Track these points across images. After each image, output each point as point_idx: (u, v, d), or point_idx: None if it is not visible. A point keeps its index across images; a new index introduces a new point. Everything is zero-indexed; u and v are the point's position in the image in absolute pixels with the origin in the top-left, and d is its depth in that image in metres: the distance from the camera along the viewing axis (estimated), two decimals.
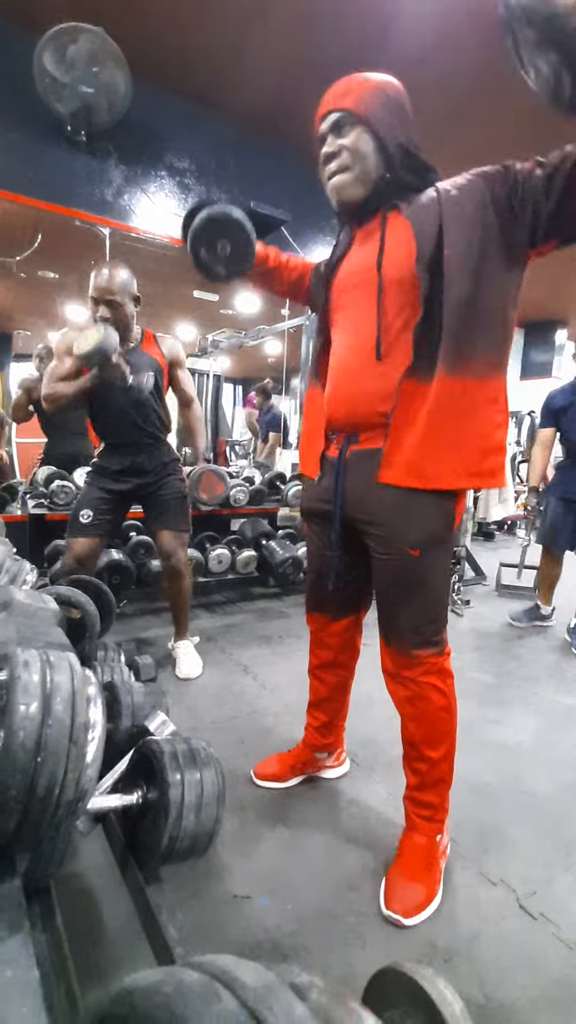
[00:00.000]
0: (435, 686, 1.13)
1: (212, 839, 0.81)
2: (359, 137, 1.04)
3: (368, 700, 1.74)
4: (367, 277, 1.09)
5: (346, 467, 1.15)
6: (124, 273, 1.87)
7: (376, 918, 1.07)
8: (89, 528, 1.97)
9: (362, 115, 1.03)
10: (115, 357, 1.76)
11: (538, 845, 1.29)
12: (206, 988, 0.20)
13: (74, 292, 4.13)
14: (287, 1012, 0.19)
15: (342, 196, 1.09)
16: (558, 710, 1.98)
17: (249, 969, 0.21)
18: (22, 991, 0.35)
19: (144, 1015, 0.19)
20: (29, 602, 0.73)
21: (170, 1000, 0.19)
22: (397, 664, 1.14)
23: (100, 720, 0.52)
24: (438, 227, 0.99)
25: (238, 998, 0.19)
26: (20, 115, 2.59)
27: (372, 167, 1.06)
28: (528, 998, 0.93)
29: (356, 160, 1.05)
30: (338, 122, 1.06)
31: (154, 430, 2.04)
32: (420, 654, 1.11)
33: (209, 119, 3.10)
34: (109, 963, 0.94)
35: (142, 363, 1.97)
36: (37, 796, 0.42)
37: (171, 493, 2.08)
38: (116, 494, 2.03)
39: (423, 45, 2.54)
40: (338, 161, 1.07)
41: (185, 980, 0.20)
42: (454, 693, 1.16)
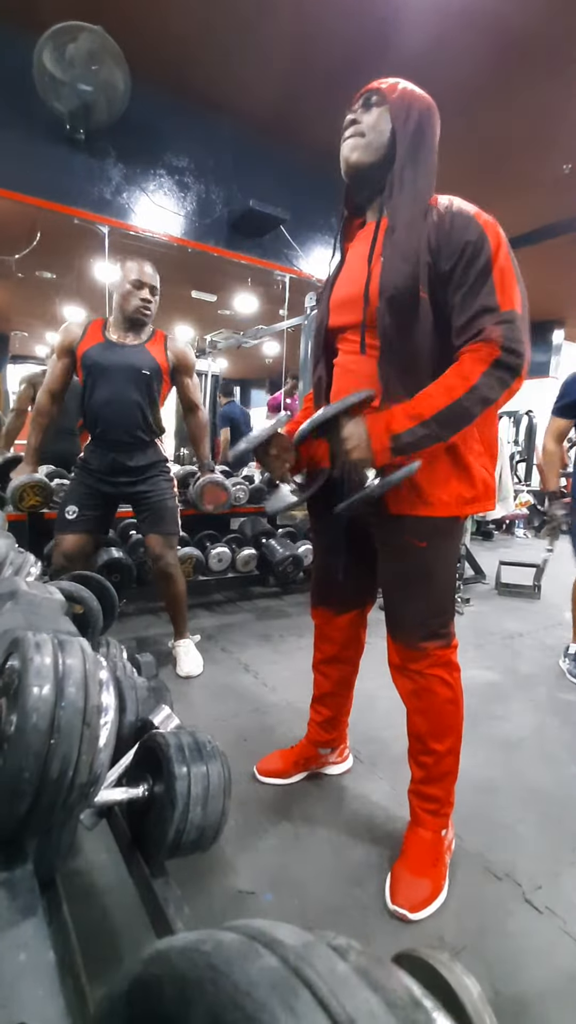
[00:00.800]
0: (442, 679, 1.12)
1: (219, 832, 0.80)
2: (381, 115, 1.08)
3: (371, 697, 1.74)
4: (355, 297, 1.10)
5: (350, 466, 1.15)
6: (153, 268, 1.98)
7: (382, 913, 1.07)
8: (76, 524, 1.96)
9: (389, 99, 1.08)
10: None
11: (543, 840, 1.29)
12: (246, 947, 0.19)
13: (72, 293, 4.13)
14: (330, 969, 0.19)
15: (350, 157, 1.11)
16: (559, 706, 1.97)
17: (287, 930, 0.21)
18: (37, 974, 0.34)
19: (182, 974, 0.19)
20: (34, 592, 0.72)
21: (210, 957, 0.19)
22: (404, 657, 1.14)
23: (112, 705, 0.52)
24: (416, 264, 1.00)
25: (279, 956, 0.19)
26: (19, 113, 2.59)
27: (382, 144, 1.08)
28: (537, 991, 0.93)
29: (371, 131, 1.09)
30: (368, 99, 1.10)
31: (139, 430, 2.01)
32: (427, 646, 1.11)
33: (208, 118, 3.11)
34: (116, 957, 0.93)
35: (142, 361, 1.97)
36: (50, 779, 0.41)
37: (158, 497, 2.05)
38: (103, 494, 2.02)
39: (422, 50, 2.55)
40: (356, 127, 1.10)
41: (224, 940, 0.20)
42: (461, 686, 1.15)
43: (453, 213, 1.00)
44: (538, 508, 6.32)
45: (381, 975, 0.20)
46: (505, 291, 0.95)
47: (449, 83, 2.73)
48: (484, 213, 1.01)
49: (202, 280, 4.09)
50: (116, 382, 1.93)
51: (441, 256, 0.98)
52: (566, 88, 2.83)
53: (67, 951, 0.61)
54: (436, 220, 1.00)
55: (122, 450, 2.00)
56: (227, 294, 4.45)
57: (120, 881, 0.94)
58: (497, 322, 0.93)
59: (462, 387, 0.93)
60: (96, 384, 1.94)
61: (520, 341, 0.93)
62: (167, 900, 0.74)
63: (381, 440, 0.96)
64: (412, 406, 0.96)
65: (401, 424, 0.95)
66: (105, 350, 1.94)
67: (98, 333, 1.96)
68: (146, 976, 0.21)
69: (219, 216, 3.27)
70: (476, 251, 0.96)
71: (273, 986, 0.18)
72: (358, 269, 1.11)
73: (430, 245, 0.99)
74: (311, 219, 3.57)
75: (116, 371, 1.94)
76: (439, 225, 1.00)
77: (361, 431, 0.97)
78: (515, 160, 3.48)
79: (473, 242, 0.96)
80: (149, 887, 0.76)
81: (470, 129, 3.10)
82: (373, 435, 0.96)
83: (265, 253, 3.45)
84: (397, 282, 1.00)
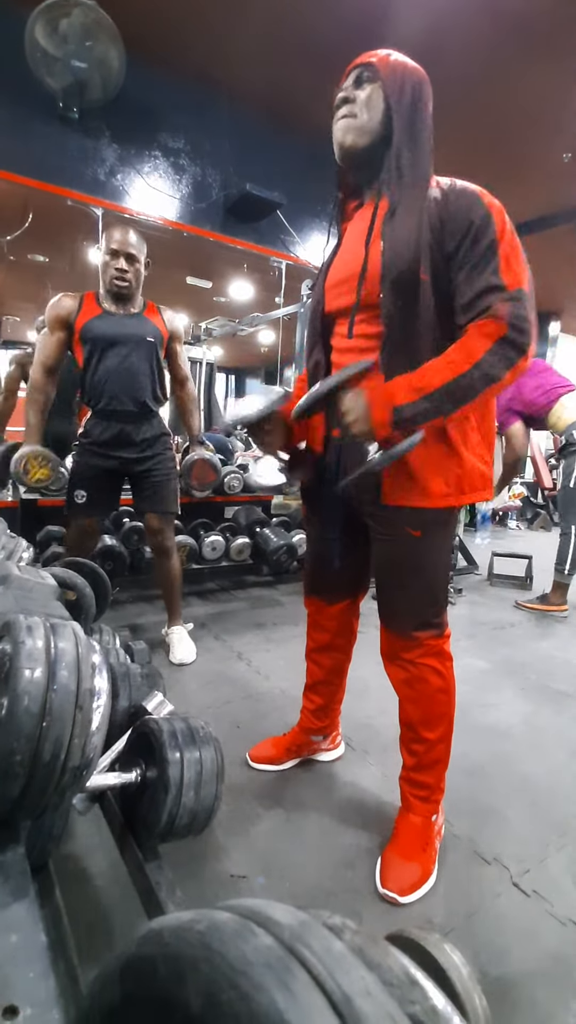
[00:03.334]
0: (434, 668, 1.13)
1: (211, 817, 0.80)
2: (373, 91, 1.04)
3: (364, 686, 1.75)
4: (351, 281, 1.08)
5: (347, 446, 1.13)
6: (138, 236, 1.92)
7: (372, 896, 1.08)
8: (86, 507, 1.97)
9: (382, 73, 1.04)
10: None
11: (531, 825, 1.31)
12: (241, 926, 0.19)
13: (65, 277, 4.06)
14: (325, 948, 0.19)
15: (344, 141, 1.07)
16: (549, 695, 2.00)
17: (282, 910, 0.21)
18: (28, 955, 0.34)
19: (176, 953, 0.19)
20: (27, 577, 0.71)
21: (205, 936, 0.18)
22: (396, 646, 1.14)
23: (105, 688, 0.51)
24: (415, 243, 0.97)
25: (274, 935, 0.19)
26: (11, 90, 2.53)
27: (377, 123, 1.05)
28: (524, 972, 0.94)
29: (364, 110, 1.05)
30: (359, 76, 1.06)
31: (147, 399, 1.99)
32: (420, 636, 1.11)
33: (205, 98, 3.05)
34: (108, 939, 0.94)
35: (145, 329, 1.95)
36: (43, 761, 0.41)
37: (161, 475, 2.05)
38: (107, 472, 2.00)
39: (421, 34, 2.51)
40: (348, 106, 1.06)
41: (218, 919, 0.20)
42: (453, 676, 1.16)
43: (457, 191, 0.97)
44: (531, 500, 6.35)
45: (376, 954, 0.20)
46: (512, 269, 0.92)
47: (446, 67, 2.68)
48: (488, 194, 0.98)
49: (197, 266, 4.04)
50: (122, 352, 1.91)
51: (445, 234, 0.95)
52: (566, 75, 2.80)
53: (59, 933, 0.61)
54: (439, 199, 0.97)
55: (129, 421, 1.98)
56: (223, 281, 4.39)
57: (113, 865, 0.94)
58: (505, 299, 0.91)
59: (466, 362, 0.91)
60: (102, 355, 1.90)
61: (527, 320, 0.91)
62: (159, 883, 0.74)
63: (383, 412, 0.93)
64: (415, 378, 0.94)
65: (404, 396, 0.93)
66: (106, 320, 1.91)
67: (94, 305, 1.93)
68: (140, 955, 0.21)
69: (215, 200, 3.23)
70: (482, 228, 0.93)
71: (268, 965, 0.18)
72: (355, 251, 1.08)
73: (432, 225, 0.96)
74: (308, 204, 3.53)
75: (121, 340, 1.91)
76: (442, 203, 0.97)
77: (361, 403, 0.95)
78: (513, 148, 3.45)
79: (479, 219, 0.94)
80: (142, 870, 0.76)
81: (468, 115, 3.06)
82: (374, 407, 0.94)
83: (261, 239, 3.41)
84: (399, 264, 0.98)
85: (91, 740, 0.46)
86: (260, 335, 5.25)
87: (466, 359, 0.91)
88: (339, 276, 1.11)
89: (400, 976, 0.19)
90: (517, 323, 0.90)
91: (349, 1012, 0.17)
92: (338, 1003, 0.18)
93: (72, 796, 0.47)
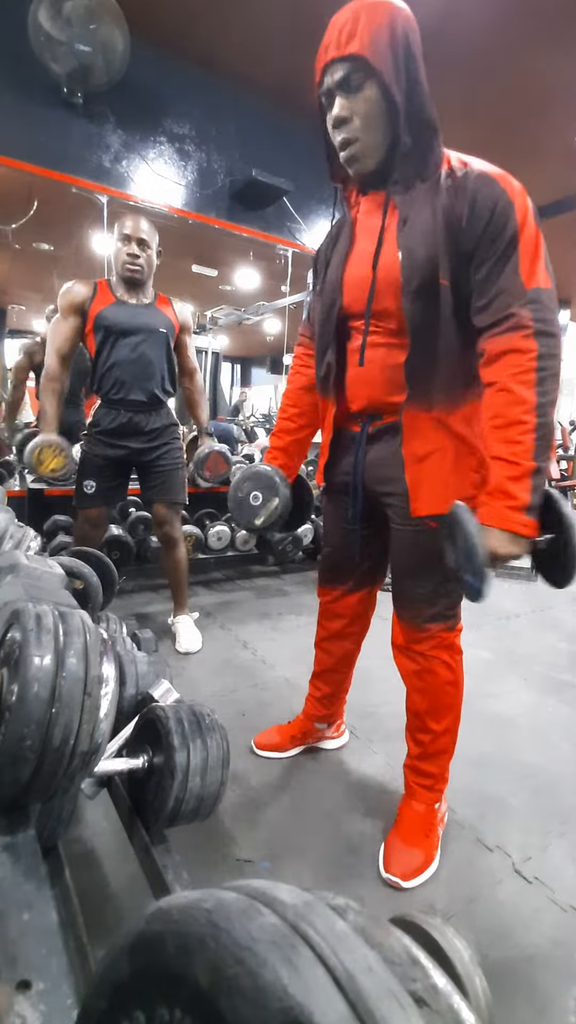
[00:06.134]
0: (444, 661, 1.13)
1: (217, 802, 0.82)
2: (371, 96, 0.92)
3: (369, 675, 1.75)
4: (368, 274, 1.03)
5: (367, 439, 1.13)
6: (150, 224, 1.93)
7: (375, 881, 1.10)
8: (95, 497, 1.99)
9: (375, 65, 0.89)
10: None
11: (533, 813, 1.32)
12: (247, 905, 0.20)
13: (71, 265, 4.05)
14: (329, 927, 0.19)
15: (358, 170, 1.00)
16: (552, 685, 2.00)
17: (287, 890, 0.21)
18: (40, 933, 0.35)
19: (183, 930, 0.19)
20: (35, 566, 0.72)
21: (212, 915, 0.19)
22: (408, 637, 1.14)
23: (113, 675, 0.52)
24: (433, 249, 0.92)
25: (279, 914, 0.19)
26: (14, 75, 2.50)
27: (382, 135, 0.96)
28: (524, 957, 0.96)
29: (368, 127, 0.95)
30: (347, 76, 0.91)
31: (157, 389, 2.00)
32: (432, 628, 1.11)
33: (210, 83, 3.00)
34: (116, 920, 0.96)
35: (158, 319, 1.96)
36: (52, 746, 0.42)
37: (169, 465, 2.06)
38: (114, 462, 2.02)
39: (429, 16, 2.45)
40: (350, 130, 0.95)
41: (225, 898, 0.20)
42: (462, 669, 1.16)
43: (475, 179, 0.90)
44: None
45: (379, 933, 0.20)
46: (533, 266, 0.88)
47: (455, 49, 2.63)
48: (509, 176, 0.91)
49: (203, 254, 4.00)
50: (135, 341, 1.92)
51: (463, 232, 0.90)
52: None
53: (68, 913, 0.63)
54: (453, 187, 0.91)
55: (139, 410, 1.99)
56: (228, 269, 4.36)
57: (120, 848, 0.96)
58: (525, 304, 0.87)
59: (530, 414, 0.86)
60: (115, 344, 1.91)
61: (550, 321, 0.87)
62: (166, 866, 0.75)
63: (521, 522, 0.87)
64: (507, 468, 0.87)
65: (519, 491, 0.86)
66: (119, 309, 1.91)
67: (108, 293, 1.93)
68: (148, 931, 0.21)
69: (221, 187, 3.19)
70: (502, 221, 0.87)
71: (273, 942, 0.18)
72: (367, 252, 1.03)
73: (449, 223, 0.90)
74: (315, 191, 3.48)
75: (134, 330, 1.92)
76: (457, 193, 0.90)
77: (494, 534, 0.87)
78: (525, 132, 3.38)
79: (499, 211, 0.87)
80: (149, 853, 0.78)
81: (477, 98, 3.00)
82: (505, 522, 0.87)
83: (267, 226, 3.37)
84: (419, 273, 0.93)
85: (99, 726, 0.47)
86: (266, 324, 5.21)
87: (525, 411, 0.86)
88: (358, 276, 1.05)
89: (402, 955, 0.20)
90: (542, 328, 0.87)
91: (352, 988, 0.18)
92: (341, 979, 0.18)
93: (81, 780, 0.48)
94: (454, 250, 0.91)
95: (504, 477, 0.88)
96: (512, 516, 0.87)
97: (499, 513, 0.88)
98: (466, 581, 0.89)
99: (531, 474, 0.86)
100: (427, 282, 0.93)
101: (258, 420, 7.15)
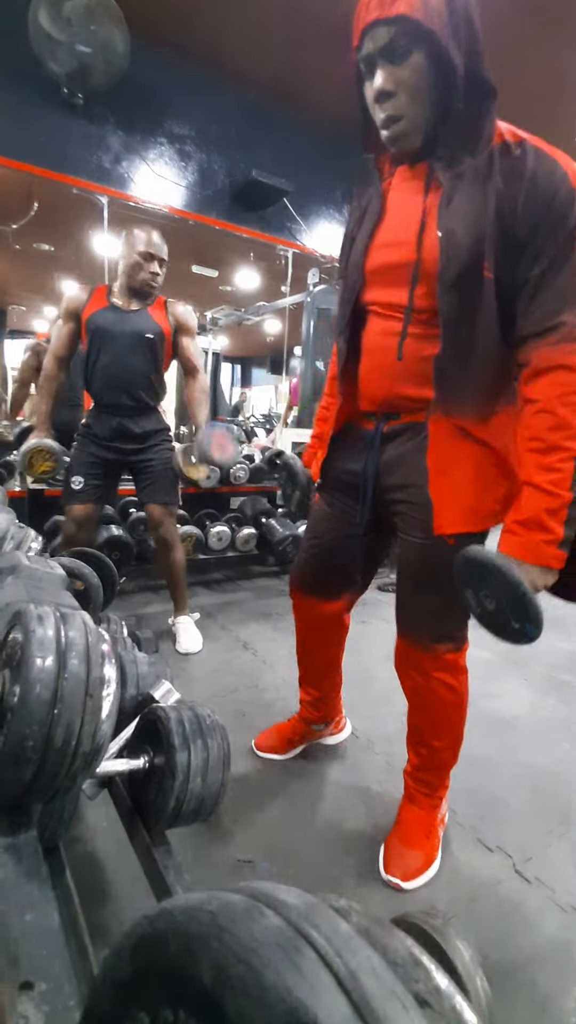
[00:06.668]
0: (446, 683, 1.07)
1: (218, 802, 0.82)
2: (419, 63, 0.79)
3: (369, 675, 1.76)
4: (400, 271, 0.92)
5: (383, 439, 1.03)
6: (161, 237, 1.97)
7: (376, 882, 1.10)
8: (82, 494, 1.99)
9: (427, 27, 0.76)
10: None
11: (534, 814, 1.32)
12: (250, 906, 0.20)
13: (71, 266, 4.05)
14: (332, 928, 0.19)
15: (402, 148, 0.89)
16: (553, 686, 2.00)
17: (289, 892, 0.21)
18: (42, 933, 0.35)
19: (187, 930, 0.19)
20: (36, 567, 0.72)
21: (216, 916, 0.19)
22: (411, 656, 1.09)
23: (114, 676, 0.52)
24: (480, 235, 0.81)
25: (282, 916, 0.19)
26: (14, 76, 2.51)
27: (430, 108, 0.83)
28: (525, 957, 0.96)
29: (415, 100, 0.82)
30: (393, 43, 0.78)
31: (143, 394, 2.02)
32: (438, 648, 1.05)
33: (211, 83, 3.01)
34: (117, 921, 0.96)
35: (146, 325, 1.97)
36: (54, 747, 0.42)
37: (159, 465, 2.07)
38: (106, 461, 2.03)
39: None
40: (395, 105, 0.83)
41: (228, 900, 0.20)
42: (467, 689, 1.11)
43: (532, 158, 0.79)
44: None
45: (381, 935, 0.20)
46: None
47: None
48: (570, 158, 0.80)
49: (203, 254, 4.01)
50: (121, 347, 1.94)
51: (518, 219, 0.79)
52: None
53: (70, 913, 0.63)
54: (508, 165, 0.80)
55: (126, 415, 2.01)
56: (228, 269, 4.37)
57: (122, 848, 0.96)
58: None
59: (573, 440, 0.79)
60: (101, 349, 1.94)
61: None
62: (167, 867, 0.76)
63: (551, 555, 0.82)
64: (544, 499, 0.81)
65: (555, 525, 0.81)
66: (109, 315, 1.94)
67: (103, 298, 1.96)
68: (151, 931, 0.21)
69: (221, 187, 3.19)
70: (563, 212, 0.76)
71: (277, 943, 0.19)
72: (404, 230, 0.90)
73: (501, 208, 0.80)
74: (316, 192, 3.48)
75: (121, 336, 1.94)
76: (513, 172, 0.79)
77: (526, 569, 0.82)
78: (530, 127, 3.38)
79: (560, 202, 0.76)
80: (149, 854, 0.78)
81: None
82: (540, 558, 0.82)
83: (268, 227, 3.38)
84: (461, 261, 0.83)
85: (101, 727, 0.47)
86: (266, 324, 5.22)
87: (569, 436, 0.79)
88: (386, 260, 0.94)
89: (404, 956, 0.20)
90: None
91: (355, 988, 0.18)
92: (344, 980, 0.18)
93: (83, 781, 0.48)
94: (504, 239, 0.81)
95: (541, 509, 0.81)
96: (547, 551, 0.82)
97: (534, 547, 0.82)
98: (519, 631, 0.84)
99: (569, 506, 0.80)
100: (469, 272, 0.83)
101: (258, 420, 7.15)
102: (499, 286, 0.83)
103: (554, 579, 0.84)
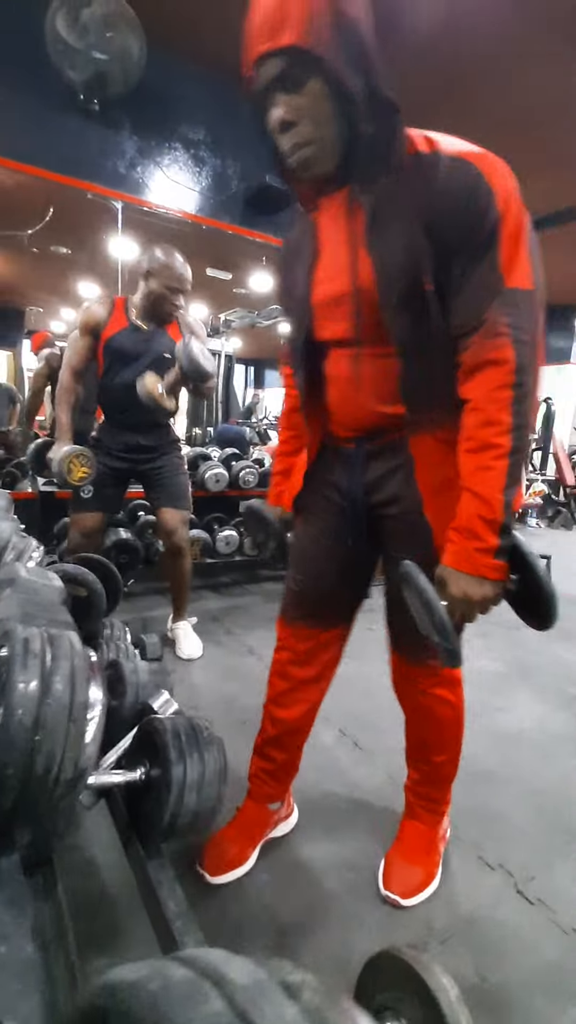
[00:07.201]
0: (443, 698, 1.06)
1: (213, 817, 0.81)
2: (317, 89, 0.77)
3: (368, 684, 1.74)
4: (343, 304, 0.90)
5: (367, 456, 0.99)
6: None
7: (374, 898, 1.09)
8: (91, 502, 2.01)
9: (322, 56, 0.74)
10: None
11: (538, 832, 1.29)
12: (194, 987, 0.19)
13: (86, 269, 4.09)
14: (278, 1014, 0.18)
15: (316, 174, 0.86)
16: (563, 699, 1.97)
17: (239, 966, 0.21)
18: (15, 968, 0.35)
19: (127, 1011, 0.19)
20: (34, 579, 0.72)
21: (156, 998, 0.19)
22: (405, 672, 1.08)
23: (100, 699, 0.52)
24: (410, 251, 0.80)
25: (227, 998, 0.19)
26: (32, 82, 2.53)
27: (338, 127, 0.81)
28: (523, 980, 0.94)
29: (319, 124, 0.80)
30: (285, 73, 0.76)
31: (157, 413, 2.02)
32: (433, 664, 1.02)
33: (225, 89, 3.01)
34: (109, 934, 0.96)
35: (165, 345, 1.99)
36: (35, 775, 0.42)
37: (171, 471, 2.10)
38: (115, 470, 2.05)
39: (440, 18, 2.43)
40: (299, 133, 0.81)
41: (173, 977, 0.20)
42: (463, 702, 1.09)
43: (446, 162, 0.77)
44: (552, 498, 6.23)
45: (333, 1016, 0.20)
46: (512, 263, 0.76)
47: (468, 54, 2.61)
48: (488, 155, 0.78)
49: (217, 258, 4.02)
50: (140, 367, 1.95)
51: (440, 222, 0.78)
52: None
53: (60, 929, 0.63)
54: (424, 177, 0.78)
55: (139, 431, 2.05)
56: (242, 272, 4.37)
57: (118, 858, 0.96)
58: (501, 306, 0.76)
59: (504, 436, 0.77)
60: (119, 369, 1.97)
61: (527, 329, 0.77)
62: (160, 882, 0.75)
63: (486, 564, 0.79)
64: (477, 504, 0.79)
65: (486, 531, 0.78)
66: (130, 335, 1.97)
67: (122, 317, 1.98)
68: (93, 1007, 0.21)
69: (234, 192, 3.20)
70: (482, 210, 0.75)
71: None
72: (338, 260, 0.90)
73: (422, 215, 0.79)
74: None
75: (138, 358, 1.97)
76: (428, 180, 0.78)
77: (462, 579, 0.80)
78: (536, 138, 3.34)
79: (474, 198, 0.75)
80: (143, 868, 0.78)
81: (491, 102, 2.96)
82: (475, 568, 0.79)
83: (280, 231, 3.37)
84: (399, 282, 0.82)
85: (84, 753, 0.47)
86: (279, 326, 5.22)
87: (500, 432, 0.77)
88: (329, 293, 0.92)
89: None
90: (519, 335, 0.76)
91: None
92: None
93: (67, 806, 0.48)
94: (433, 248, 0.79)
95: (474, 514, 0.79)
96: (480, 560, 0.79)
97: (467, 556, 0.80)
98: (434, 644, 0.80)
99: (502, 509, 0.78)
100: (409, 290, 0.82)
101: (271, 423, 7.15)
102: (440, 293, 0.82)
103: (494, 591, 0.81)
